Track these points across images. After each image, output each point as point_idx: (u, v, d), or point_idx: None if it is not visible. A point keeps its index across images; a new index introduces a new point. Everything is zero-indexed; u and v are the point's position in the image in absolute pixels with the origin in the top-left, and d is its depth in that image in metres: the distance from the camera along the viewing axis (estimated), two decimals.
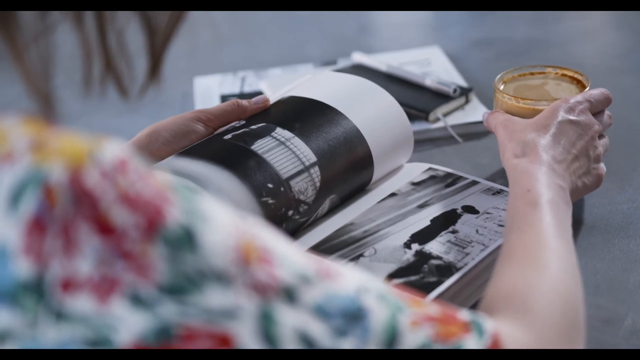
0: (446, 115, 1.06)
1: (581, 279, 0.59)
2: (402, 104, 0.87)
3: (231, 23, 1.50)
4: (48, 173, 0.39)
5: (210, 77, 1.23)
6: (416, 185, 0.83)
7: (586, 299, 0.58)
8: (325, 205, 0.79)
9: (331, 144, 0.79)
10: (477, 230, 0.74)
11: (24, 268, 0.39)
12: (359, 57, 1.21)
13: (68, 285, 0.39)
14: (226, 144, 0.78)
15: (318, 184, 0.77)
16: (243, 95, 1.16)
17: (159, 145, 0.78)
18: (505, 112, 0.83)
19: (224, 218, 0.43)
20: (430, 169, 0.85)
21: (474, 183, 0.82)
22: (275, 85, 1.15)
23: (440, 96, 1.08)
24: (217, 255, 0.42)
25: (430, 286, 0.68)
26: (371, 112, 0.84)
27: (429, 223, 0.76)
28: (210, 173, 0.73)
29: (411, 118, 0.90)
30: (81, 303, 0.39)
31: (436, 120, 1.05)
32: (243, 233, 0.43)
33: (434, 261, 0.71)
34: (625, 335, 0.67)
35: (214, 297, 0.41)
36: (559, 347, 0.53)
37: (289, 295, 0.43)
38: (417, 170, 0.85)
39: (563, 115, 0.76)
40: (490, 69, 0.91)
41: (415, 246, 0.73)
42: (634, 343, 0.66)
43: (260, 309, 0.42)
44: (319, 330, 0.44)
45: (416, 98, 1.08)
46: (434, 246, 0.73)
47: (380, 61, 1.18)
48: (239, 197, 0.72)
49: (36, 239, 0.39)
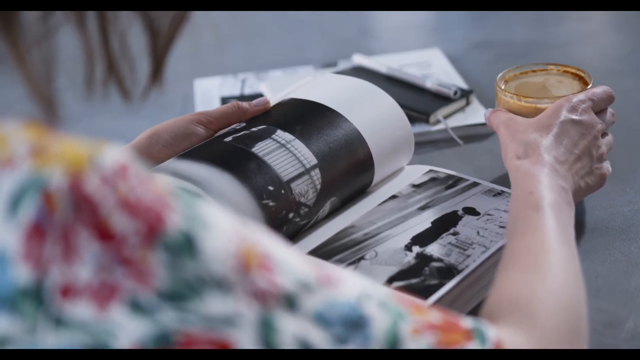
0: (447, 117, 1.06)
1: (584, 283, 0.59)
2: (403, 106, 0.87)
3: (231, 25, 1.50)
4: (48, 179, 0.39)
5: (211, 79, 1.23)
6: (417, 187, 0.83)
7: (587, 302, 0.58)
8: (326, 208, 0.79)
9: (332, 147, 0.79)
10: (478, 232, 0.74)
11: (23, 274, 0.39)
12: (359, 59, 1.21)
13: (67, 291, 0.39)
14: (227, 146, 0.77)
15: (319, 187, 0.77)
16: (243, 98, 1.16)
17: (160, 148, 0.78)
18: (507, 111, 0.82)
19: (225, 224, 0.43)
20: (430, 171, 0.85)
21: (474, 184, 0.82)
22: (276, 88, 1.15)
23: (440, 98, 1.08)
24: (217, 261, 0.41)
25: (432, 289, 0.67)
26: (372, 115, 0.84)
27: (429, 225, 0.76)
28: (211, 175, 0.73)
29: (412, 120, 0.90)
30: (80, 309, 0.39)
31: (437, 122, 1.04)
32: (244, 239, 0.43)
33: (435, 263, 0.71)
34: (627, 339, 0.67)
35: (214, 304, 0.41)
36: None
37: (289, 302, 0.43)
38: (418, 172, 0.85)
39: (565, 114, 0.76)
40: (490, 71, 0.91)
41: (416, 248, 0.73)
42: (635, 346, 0.66)
43: (260, 316, 0.42)
44: (319, 338, 0.43)
45: (416, 100, 1.08)
46: (434, 248, 0.73)
47: (380, 63, 1.18)
48: (240, 200, 0.72)
49: (35, 244, 0.39)
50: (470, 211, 0.78)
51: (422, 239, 0.74)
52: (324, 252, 0.74)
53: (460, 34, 1.40)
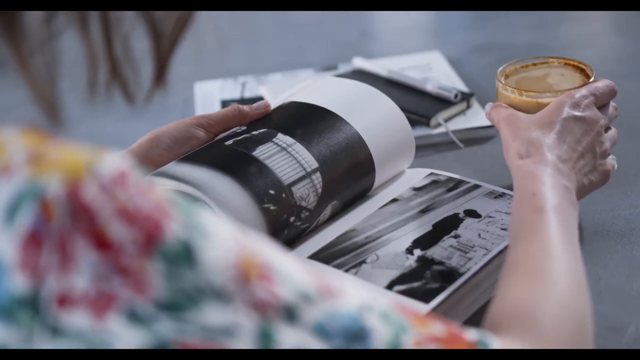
0: (447, 120, 1.05)
1: (589, 290, 0.58)
2: (403, 109, 0.87)
3: (231, 28, 1.50)
4: (45, 186, 0.38)
5: (211, 82, 1.23)
6: (418, 190, 0.83)
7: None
8: (327, 212, 0.78)
9: (333, 150, 0.79)
10: (480, 235, 0.74)
11: (19, 283, 0.38)
12: (359, 62, 1.21)
13: (64, 300, 0.38)
14: (227, 149, 0.77)
15: (320, 190, 0.77)
16: (244, 101, 1.16)
17: (160, 151, 0.78)
18: (508, 106, 0.80)
19: (225, 233, 0.43)
20: (431, 174, 0.85)
21: (475, 187, 0.81)
22: (276, 91, 1.14)
23: (441, 101, 1.07)
24: (216, 271, 0.41)
25: (433, 292, 0.67)
26: (372, 118, 0.84)
27: (430, 228, 0.76)
28: (212, 179, 0.73)
29: (412, 123, 0.90)
30: (77, 319, 0.39)
31: (437, 125, 1.04)
32: (244, 248, 0.43)
33: (436, 267, 0.70)
34: (629, 343, 0.67)
35: (212, 315, 0.40)
36: None
37: (289, 314, 0.43)
38: (419, 175, 0.85)
39: (568, 111, 0.74)
40: (491, 74, 0.91)
41: (417, 252, 0.73)
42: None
43: (260, 327, 0.42)
44: None
45: (417, 103, 1.08)
46: (436, 251, 0.72)
47: (381, 66, 1.18)
48: (240, 204, 0.72)
49: (32, 253, 0.38)
50: (472, 214, 0.77)
51: (423, 242, 0.74)
52: (325, 256, 0.74)
53: (460, 37, 1.40)
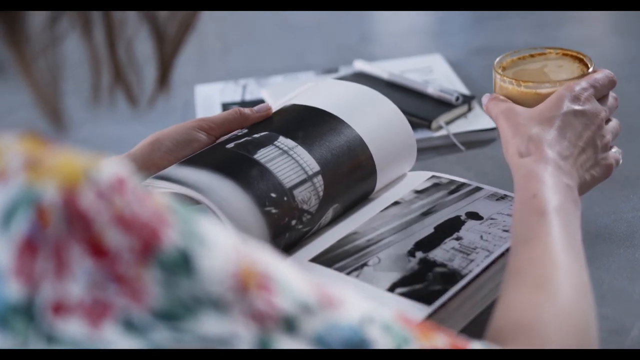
0: (449, 123, 1.05)
1: (593, 295, 0.58)
2: (405, 112, 0.87)
3: (232, 31, 1.49)
4: (41, 193, 0.38)
5: (212, 85, 1.23)
6: (419, 193, 0.83)
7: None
8: (329, 215, 0.78)
9: (334, 153, 0.79)
10: (482, 236, 0.74)
11: (14, 290, 0.38)
12: (360, 65, 1.20)
13: (59, 308, 0.38)
14: (229, 152, 0.77)
15: (321, 193, 0.76)
16: (244, 104, 1.16)
17: (161, 154, 0.78)
18: (506, 98, 0.78)
19: (224, 241, 0.42)
20: (433, 177, 0.85)
21: (477, 189, 0.81)
22: (277, 93, 1.14)
23: (442, 104, 1.07)
24: (214, 281, 0.40)
25: (435, 294, 0.67)
26: (374, 121, 0.84)
27: (432, 230, 0.76)
28: (213, 182, 0.73)
29: (413, 126, 0.90)
30: (72, 327, 0.38)
31: (439, 128, 1.04)
32: (243, 257, 0.42)
33: (438, 269, 0.70)
34: (632, 346, 0.67)
35: (210, 324, 0.40)
36: None
37: (289, 325, 0.42)
38: (420, 178, 0.85)
39: (568, 105, 0.72)
40: (491, 77, 0.91)
41: (419, 254, 0.73)
42: None
43: (258, 338, 0.41)
44: None
45: (418, 106, 1.07)
46: (438, 254, 0.72)
47: (382, 69, 1.18)
48: (242, 207, 0.71)
49: (27, 260, 0.38)
50: (473, 216, 0.77)
51: (426, 244, 0.74)
52: (326, 259, 0.73)
53: (461, 39, 1.40)
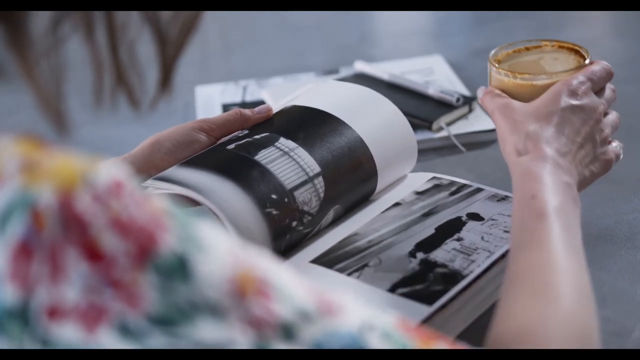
0: (449, 124, 1.05)
1: (594, 297, 0.57)
2: (405, 113, 0.86)
3: (232, 32, 1.49)
4: (37, 196, 0.38)
5: (212, 86, 1.23)
6: (420, 194, 0.82)
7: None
8: (329, 216, 0.78)
9: (335, 154, 0.79)
10: (483, 237, 0.74)
11: (9, 293, 0.38)
12: (361, 66, 1.20)
13: (54, 312, 0.38)
14: (229, 154, 0.77)
15: (322, 195, 0.76)
16: (245, 105, 1.16)
17: (162, 156, 0.78)
18: (502, 91, 0.77)
19: (222, 247, 0.41)
20: (434, 178, 0.85)
21: (478, 190, 0.81)
22: (277, 95, 1.14)
23: (443, 105, 1.07)
24: (211, 286, 0.40)
25: (436, 294, 0.67)
26: (374, 122, 0.84)
27: (433, 231, 0.76)
28: (213, 183, 0.72)
29: (414, 127, 0.90)
30: (67, 331, 0.38)
31: (439, 129, 1.04)
32: (241, 263, 0.41)
33: (439, 269, 0.70)
34: (634, 348, 0.66)
35: (206, 330, 0.39)
36: None
37: (287, 332, 0.41)
38: (421, 179, 0.85)
39: (565, 100, 0.71)
40: None
41: (420, 255, 0.73)
42: None
43: (255, 345, 0.40)
44: None
45: (419, 107, 1.07)
46: (439, 254, 0.72)
47: (382, 70, 1.18)
48: (242, 208, 0.71)
49: (22, 264, 0.38)
50: (474, 217, 0.77)
51: (426, 245, 0.74)
52: (327, 260, 0.73)
53: (461, 40, 1.40)
